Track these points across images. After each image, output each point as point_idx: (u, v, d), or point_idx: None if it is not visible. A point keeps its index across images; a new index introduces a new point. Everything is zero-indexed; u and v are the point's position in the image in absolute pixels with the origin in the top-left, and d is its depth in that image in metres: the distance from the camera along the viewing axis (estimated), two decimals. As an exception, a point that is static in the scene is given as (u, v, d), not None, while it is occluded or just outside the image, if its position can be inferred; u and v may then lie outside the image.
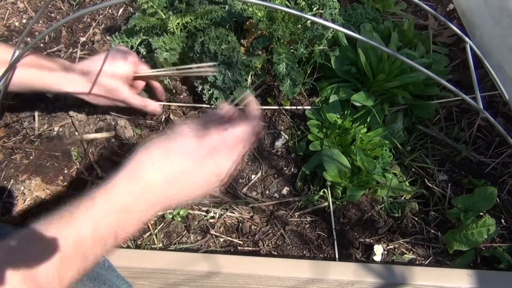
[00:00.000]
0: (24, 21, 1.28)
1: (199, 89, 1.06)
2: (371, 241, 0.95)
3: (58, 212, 0.52)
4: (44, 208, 0.96)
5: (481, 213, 0.93)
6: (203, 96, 1.06)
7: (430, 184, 1.02)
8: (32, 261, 0.48)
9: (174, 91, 1.11)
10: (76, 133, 1.07)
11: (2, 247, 0.49)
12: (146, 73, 0.98)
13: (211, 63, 0.98)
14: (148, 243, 0.92)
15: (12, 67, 0.69)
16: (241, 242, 0.94)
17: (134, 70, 0.96)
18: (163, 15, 0.99)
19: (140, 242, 0.93)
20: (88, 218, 0.51)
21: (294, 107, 1.12)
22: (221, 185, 0.61)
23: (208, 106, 1.07)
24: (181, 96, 1.13)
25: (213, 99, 1.05)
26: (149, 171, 0.55)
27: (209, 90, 1.04)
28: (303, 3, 0.99)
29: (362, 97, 1.03)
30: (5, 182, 0.98)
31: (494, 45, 1.06)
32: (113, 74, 0.92)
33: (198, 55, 1.00)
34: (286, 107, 1.12)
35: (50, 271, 0.48)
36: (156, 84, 1.04)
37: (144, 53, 1.06)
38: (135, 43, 1.06)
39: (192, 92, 1.12)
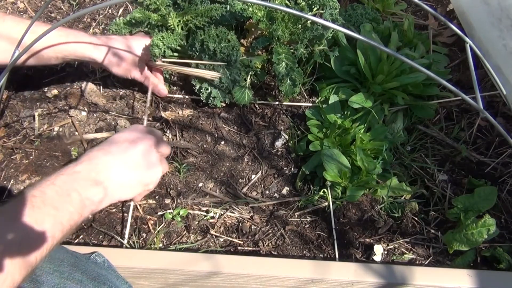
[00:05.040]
0: (24, 21, 1.28)
1: (197, 87, 1.05)
2: (371, 241, 0.95)
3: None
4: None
5: (481, 213, 0.93)
6: (201, 95, 1.06)
7: (430, 184, 1.02)
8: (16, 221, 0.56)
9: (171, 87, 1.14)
10: (76, 133, 1.07)
11: None
12: (157, 64, 1.05)
13: (216, 73, 1.00)
14: (148, 243, 0.92)
15: (12, 66, 0.69)
16: (241, 242, 0.94)
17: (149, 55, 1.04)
18: (164, 11, 0.99)
19: (140, 242, 0.93)
20: (51, 182, 0.64)
21: (294, 107, 1.12)
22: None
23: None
24: (179, 95, 1.13)
25: (211, 98, 1.05)
26: (99, 159, 0.71)
27: (207, 89, 1.04)
28: (303, 3, 0.99)
29: (361, 98, 1.03)
30: (5, 182, 0.98)
31: (492, 47, 1.06)
32: (133, 55, 1.02)
33: (197, 53, 1.00)
34: (286, 107, 1.12)
35: (30, 218, 0.57)
36: (159, 75, 1.11)
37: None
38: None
39: (189, 91, 1.12)
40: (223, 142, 1.06)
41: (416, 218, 0.98)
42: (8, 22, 0.91)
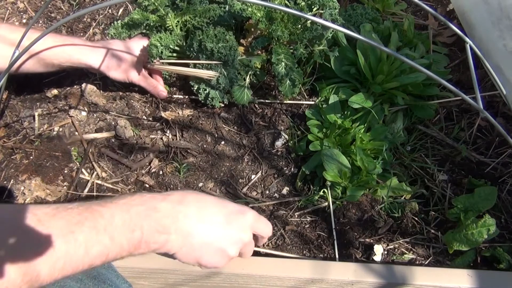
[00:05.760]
0: (24, 21, 1.28)
1: (195, 88, 1.05)
2: (371, 241, 0.95)
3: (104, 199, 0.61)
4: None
5: (481, 213, 0.93)
6: (199, 96, 1.06)
7: (430, 184, 1.02)
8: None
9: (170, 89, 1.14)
10: (76, 133, 1.07)
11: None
12: (154, 65, 1.04)
13: (212, 72, 1.00)
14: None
15: (12, 66, 0.69)
16: (241, 242, 0.94)
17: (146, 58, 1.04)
18: (163, 12, 0.99)
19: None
20: (128, 206, 0.59)
21: (294, 107, 1.12)
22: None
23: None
24: (177, 95, 1.13)
25: (209, 99, 1.05)
26: (188, 207, 0.63)
27: (205, 89, 1.04)
28: (303, 3, 0.99)
29: (361, 98, 1.03)
30: (5, 182, 0.98)
31: (492, 47, 1.06)
32: (131, 57, 1.03)
33: (195, 54, 1.00)
34: (286, 107, 1.12)
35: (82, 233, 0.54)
36: (158, 77, 1.11)
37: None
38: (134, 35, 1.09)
39: (189, 91, 1.12)
40: (223, 142, 1.06)
41: (416, 218, 0.98)
42: (4, 30, 0.91)
